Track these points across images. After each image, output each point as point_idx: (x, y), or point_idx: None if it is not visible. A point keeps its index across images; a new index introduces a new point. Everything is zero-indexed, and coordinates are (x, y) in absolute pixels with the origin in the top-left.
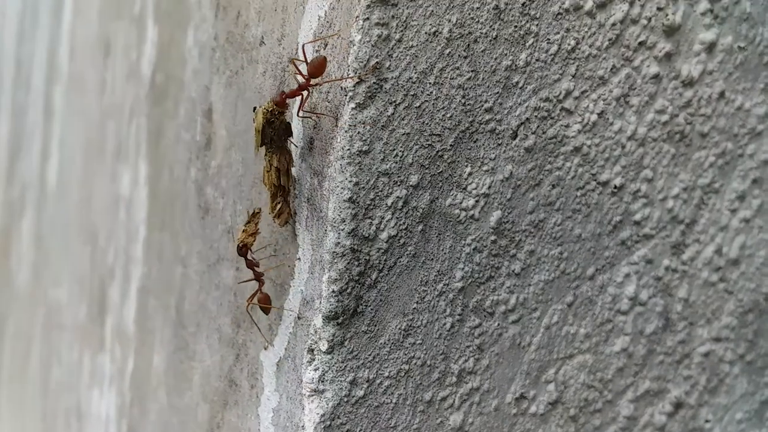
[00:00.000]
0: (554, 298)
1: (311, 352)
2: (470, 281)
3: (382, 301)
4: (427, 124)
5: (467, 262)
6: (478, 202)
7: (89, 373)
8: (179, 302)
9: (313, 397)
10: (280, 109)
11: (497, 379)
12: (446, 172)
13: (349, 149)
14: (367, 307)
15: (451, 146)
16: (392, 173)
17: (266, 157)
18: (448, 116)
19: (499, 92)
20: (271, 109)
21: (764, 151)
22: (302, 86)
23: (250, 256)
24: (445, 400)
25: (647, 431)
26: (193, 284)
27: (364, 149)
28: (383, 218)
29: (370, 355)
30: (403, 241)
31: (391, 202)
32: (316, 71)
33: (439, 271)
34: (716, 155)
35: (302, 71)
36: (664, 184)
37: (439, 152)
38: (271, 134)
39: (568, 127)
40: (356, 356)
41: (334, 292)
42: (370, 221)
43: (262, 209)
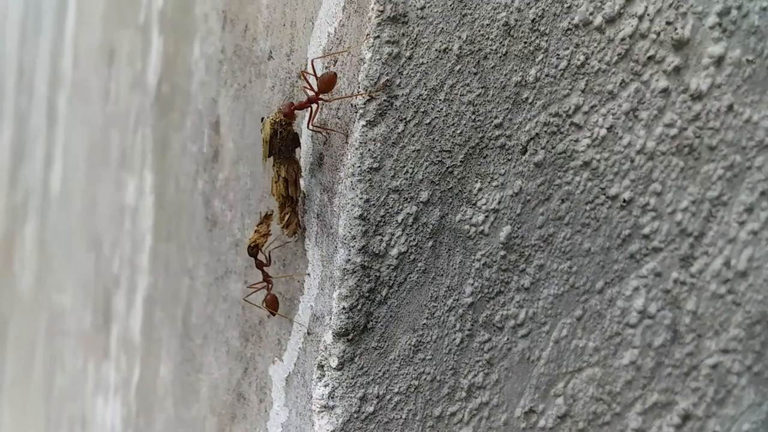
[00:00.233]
0: (563, 312)
1: (321, 368)
2: (480, 296)
3: (392, 317)
4: (437, 140)
5: (477, 277)
6: (487, 217)
7: (94, 381)
8: (186, 314)
9: (323, 413)
10: (287, 119)
11: (506, 393)
12: (456, 187)
13: (359, 166)
14: (377, 323)
15: (461, 162)
16: (402, 190)
17: (274, 167)
18: (458, 132)
19: (508, 108)
20: (278, 119)
21: None
22: (311, 99)
23: (260, 256)
24: (454, 415)
25: None
26: (200, 296)
27: (374, 166)
28: (393, 235)
29: (380, 371)
30: (413, 257)
31: (401, 218)
32: (325, 86)
33: (448, 286)
34: (724, 168)
35: (312, 85)
36: (672, 197)
37: (449, 168)
38: (278, 145)
39: (577, 141)
40: (366, 372)
41: (344, 308)
42: (380, 238)
43: (273, 210)
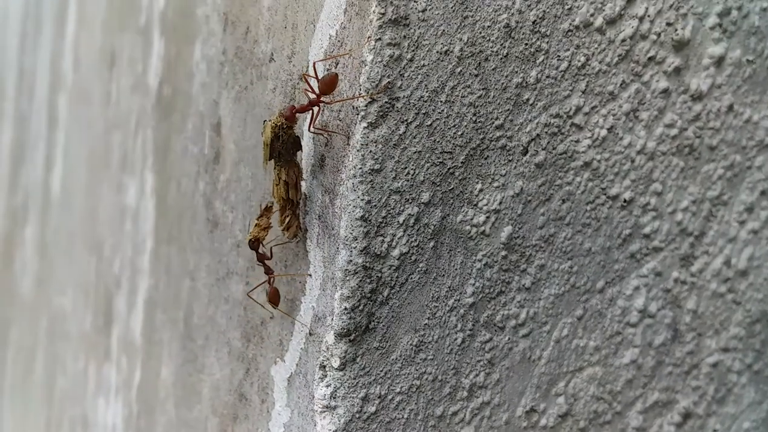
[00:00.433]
0: (564, 311)
1: (323, 368)
2: (481, 296)
3: (393, 317)
4: (438, 141)
5: (478, 277)
6: (488, 218)
7: (95, 382)
8: (187, 315)
9: (325, 413)
10: (288, 123)
11: (508, 392)
12: (457, 188)
13: (361, 168)
14: (378, 323)
15: (462, 163)
16: (404, 191)
17: (275, 170)
18: (459, 134)
19: (509, 109)
20: (279, 123)
21: None
22: (312, 102)
23: (261, 249)
24: (456, 414)
25: None
26: (201, 297)
27: (376, 168)
28: (395, 236)
29: (381, 371)
30: (414, 257)
31: (402, 219)
32: (327, 88)
33: (450, 287)
34: (725, 168)
35: (313, 87)
36: (673, 197)
37: (450, 169)
38: (279, 148)
39: (578, 142)
40: (368, 372)
41: (346, 309)
42: (382, 239)
43: (273, 202)
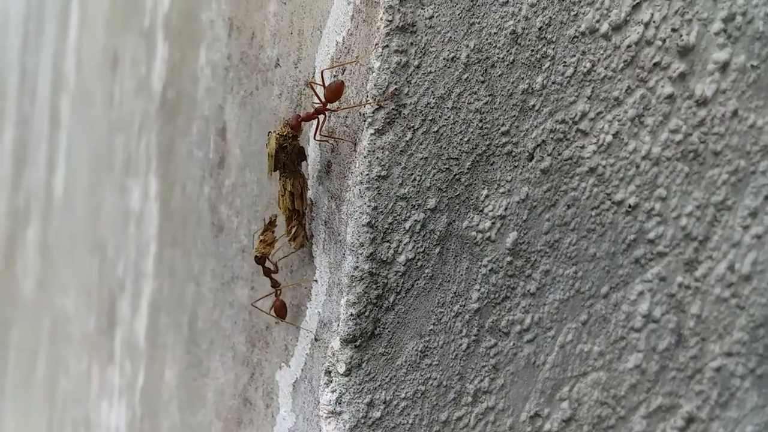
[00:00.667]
0: (569, 316)
1: (329, 374)
2: (486, 302)
3: (399, 323)
4: (444, 148)
5: (483, 283)
6: (494, 223)
7: (98, 384)
8: (192, 319)
9: (330, 418)
10: (294, 132)
11: (512, 398)
12: (463, 194)
13: (368, 174)
14: (384, 329)
15: (468, 169)
16: (410, 197)
17: (280, 181)
18: (465, 140)
19: (515, 115)
20: (284, 133)
21: None
22: (318, 110)
23: (268, 264)
24: (460, 419)
25: None
26: (206, 302)
27: (382, 174)
28: (401, 242)
29: (387, 376)
30: (420, 263)
31: (409, 225)
32: (333, 96)
33: (455, 292)
34: (729, 173)
35: (319, 95)
36: (677, 202)
37: (456, 175)
38: (284, 159)
39: (583, 148)
40: (373, 378)
41: (352, 315)
42: (388, 245)
43: (277, 215)
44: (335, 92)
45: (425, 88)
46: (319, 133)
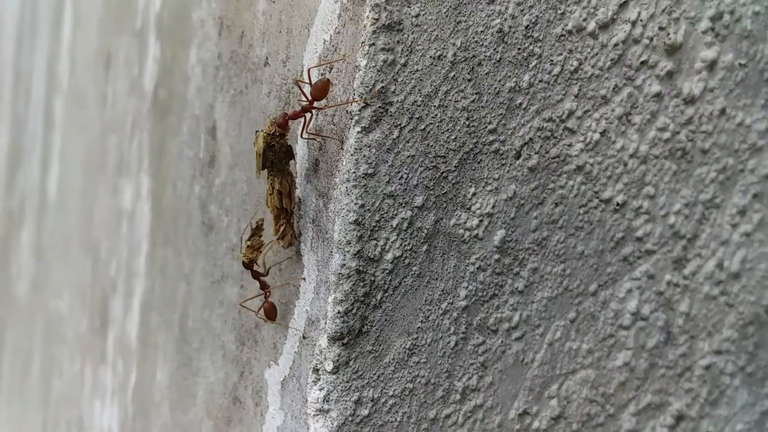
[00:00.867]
0: (557, 314)
1: (316, 371)
2: (474, 300)
3: (387, 320)
4: (431, 146)
5: (471, 280)
6: (482, 221)
7: (91, 385)
8: (183, 318)
9: (318, 416)
10: (281, 130)
11: (500, 395)
12: (450, 192)
13: (354, 172)
14: (372, 327)
15: (455, 167)
16: (397, 195)
17: (268, 180)
18: (452, 138)
19: (502, 113)
20: (271, 132)
21: (765, 165)
22: (305, 108)
23: (256, 268)
24: (449, 417)
25: None
26: (196, 301)
27: (369, 172)
28: (388, 239)
29: (374, 374)
30: (407, 261)
31: (396, 223)
32: (319, 94)
33: (443, 290)
34: (717, 171)
35: (306, 94)
36: (665, 200)
37: (443, 173)
38: (272, 158)
39: (570, 146)
40: (361, 376)
41: (339, 313)
42: (375, 243)
43: (264, 219)
44: (322, 90)
45: (412, 86)
46: (306, 131)
